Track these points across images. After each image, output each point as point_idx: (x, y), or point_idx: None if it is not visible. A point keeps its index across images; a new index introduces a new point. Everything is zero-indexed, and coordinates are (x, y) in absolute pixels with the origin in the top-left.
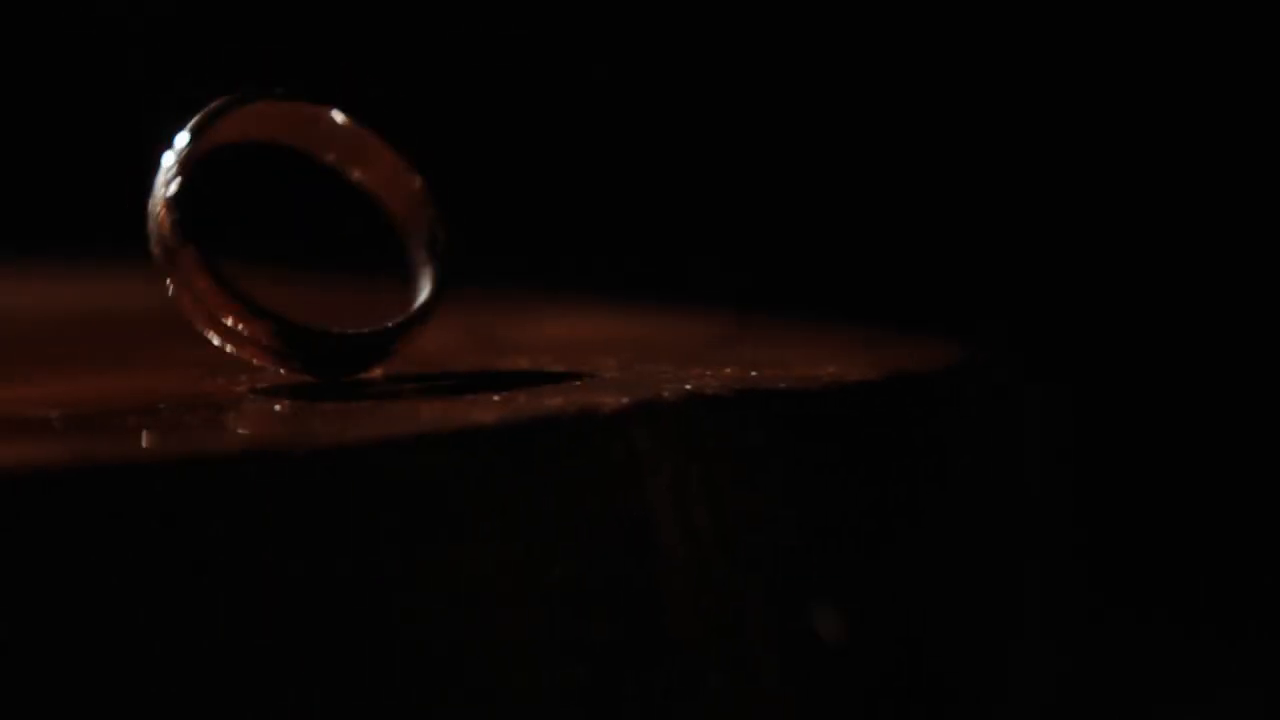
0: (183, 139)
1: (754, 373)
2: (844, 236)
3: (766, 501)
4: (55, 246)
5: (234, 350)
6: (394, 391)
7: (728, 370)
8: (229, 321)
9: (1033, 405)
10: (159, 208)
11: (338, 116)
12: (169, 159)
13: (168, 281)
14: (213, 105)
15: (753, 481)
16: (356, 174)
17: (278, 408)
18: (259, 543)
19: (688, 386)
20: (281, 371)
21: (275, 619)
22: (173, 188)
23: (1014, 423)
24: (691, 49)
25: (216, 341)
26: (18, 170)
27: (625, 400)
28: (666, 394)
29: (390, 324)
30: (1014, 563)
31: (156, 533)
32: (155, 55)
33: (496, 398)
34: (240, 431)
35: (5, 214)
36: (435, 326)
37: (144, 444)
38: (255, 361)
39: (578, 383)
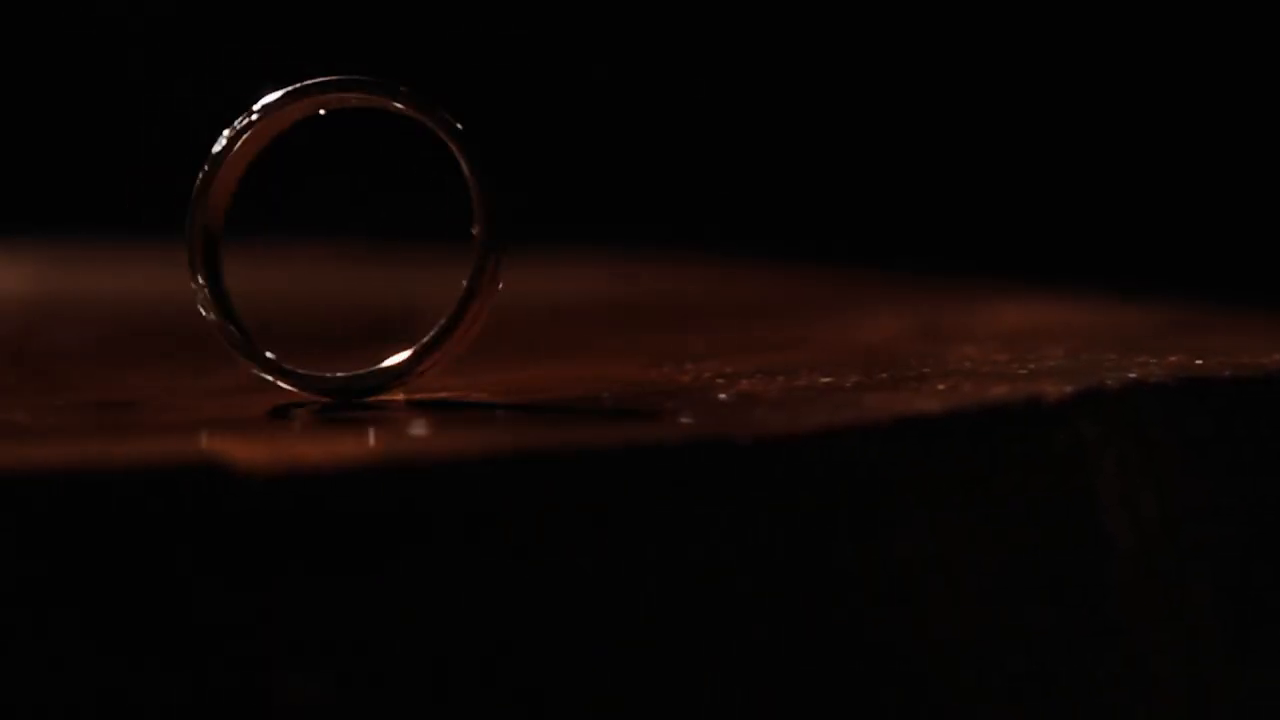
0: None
1: (1199, 360)
2: None
3: (1212, 490)
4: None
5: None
6: (839, 380)
7: (1172, 358)
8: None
9: None
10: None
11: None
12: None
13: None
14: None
15: (1198, 469)
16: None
17: (722, 396)
18: (701, 531)
19: (1132, 375)
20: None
21: (716, 608)
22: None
23: None
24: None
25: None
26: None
27: (1069, 389)
28: (1111, 382)
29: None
30: None
31: (595, 521)
32: (155, 55)
33: (942, 386)
34: (683, 420)
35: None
36: (884, 314)
37: (585, 433)
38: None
39: (1023, 371)
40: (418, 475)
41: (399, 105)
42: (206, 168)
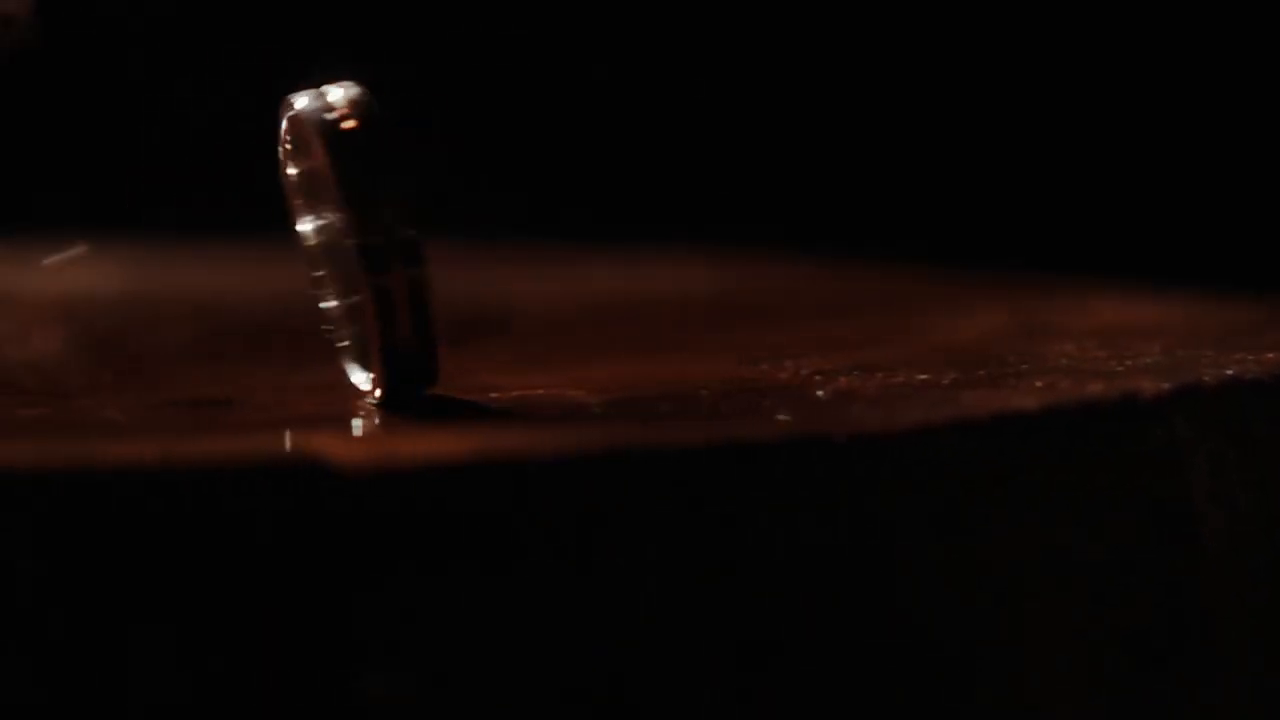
0: None
1: None
2: None
3: None
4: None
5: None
6: (936, 377)
7: (1270, 355)
8: None
9: None
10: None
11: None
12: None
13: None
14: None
15: None
16: None
17: (820, 393)
18: (798, 528)
19: (1229, 371)
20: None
21: (812, 603)
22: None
23: None
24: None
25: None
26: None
27: (1166, 386)
28: (1208, 379)
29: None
30: None
31: (690, 520)
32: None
33: (1039, 383)
34: (780, 417)
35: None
36: (982, 311)
37: (682, 430)
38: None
39: (1120, 368)
40: (513, 473)
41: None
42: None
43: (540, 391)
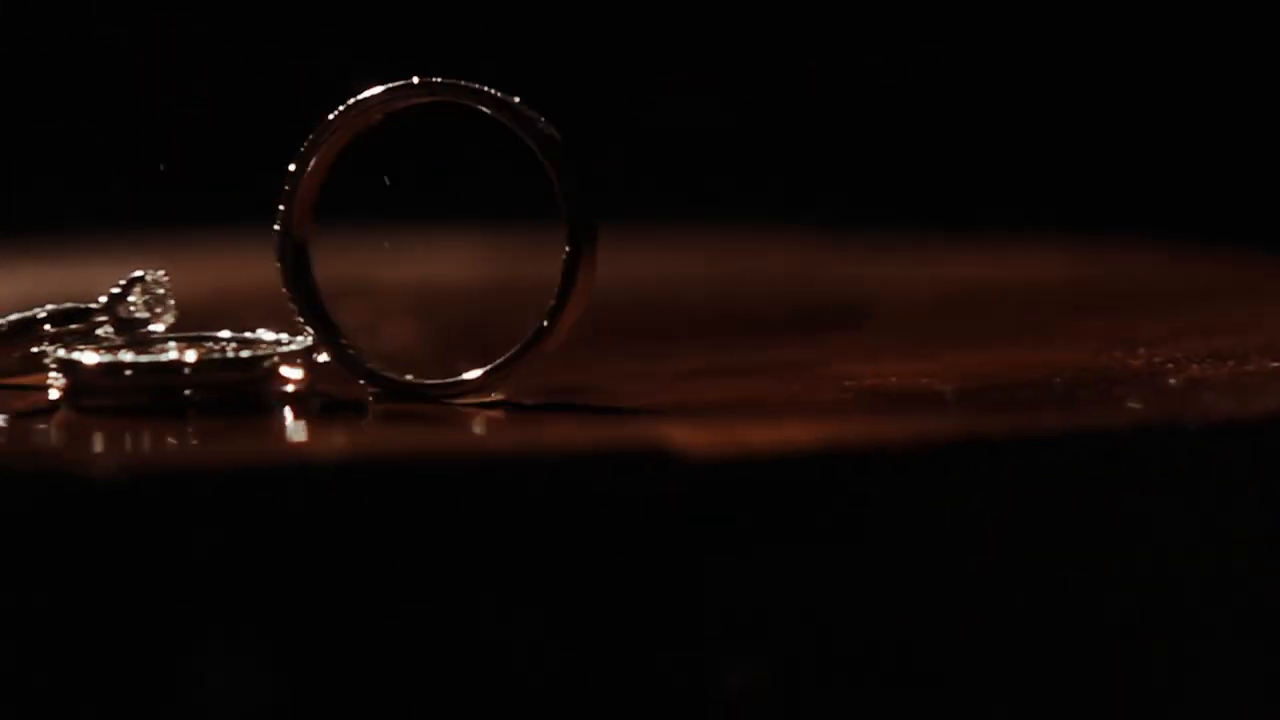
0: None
1: None
2: None
3: None
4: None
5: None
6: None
7: None
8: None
9: None
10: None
11: None
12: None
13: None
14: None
15: None
16: None
17: (1172, 381)
18: (1149, 516)
19: None
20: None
21: (1167, 589)
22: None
23: None
24: None
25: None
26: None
27: None
28: None
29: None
30: None
31: (1040, 507)
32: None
33: None
34: (1131, 405)
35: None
36: None
37: (1031, 418)
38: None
39: None
40: (861, 461)
41: (486, 110)
42: (287, 186)
43: (894, 380)
